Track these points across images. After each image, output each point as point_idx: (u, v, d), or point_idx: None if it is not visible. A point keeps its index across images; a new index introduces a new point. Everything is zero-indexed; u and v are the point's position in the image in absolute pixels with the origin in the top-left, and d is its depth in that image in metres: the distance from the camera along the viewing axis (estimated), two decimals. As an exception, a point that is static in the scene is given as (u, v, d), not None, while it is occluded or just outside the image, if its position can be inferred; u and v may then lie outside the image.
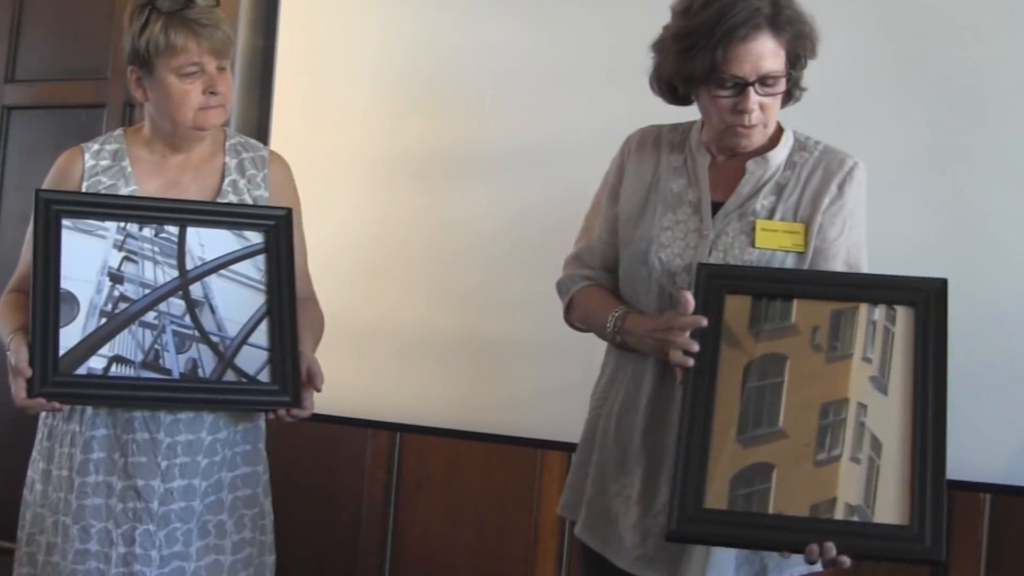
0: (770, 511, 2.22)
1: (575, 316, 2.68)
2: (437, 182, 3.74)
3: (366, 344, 3.75)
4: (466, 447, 3.71)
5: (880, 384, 2.28)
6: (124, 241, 2.62)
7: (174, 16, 2.63)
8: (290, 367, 2.64)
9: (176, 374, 2.59)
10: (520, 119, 3.64)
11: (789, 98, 2.52)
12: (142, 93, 2.71)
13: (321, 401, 2.72)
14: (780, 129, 2.53)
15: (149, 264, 2.62)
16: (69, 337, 2.55)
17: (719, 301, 2.33)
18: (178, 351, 2.60)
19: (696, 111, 2.54)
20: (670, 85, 2.53)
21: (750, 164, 2.49)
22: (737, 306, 2.33)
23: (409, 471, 3.82)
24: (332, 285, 3.14)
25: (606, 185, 2.68)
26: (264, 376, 2.64)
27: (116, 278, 2.60)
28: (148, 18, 2.64)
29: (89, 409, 2.65)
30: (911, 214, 3.11)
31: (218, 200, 2.75)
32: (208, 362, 2.62)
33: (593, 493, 2.57)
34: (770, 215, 2.45)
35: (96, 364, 2.56)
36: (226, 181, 2.78)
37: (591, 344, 2.71)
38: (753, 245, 2.43)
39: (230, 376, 2.62)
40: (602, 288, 2.63)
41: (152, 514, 2.64)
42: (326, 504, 3.91)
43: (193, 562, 2.68)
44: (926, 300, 2.31)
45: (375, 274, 3.77)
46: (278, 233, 2.71)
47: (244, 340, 2.64)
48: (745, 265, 2.41)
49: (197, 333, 2.62)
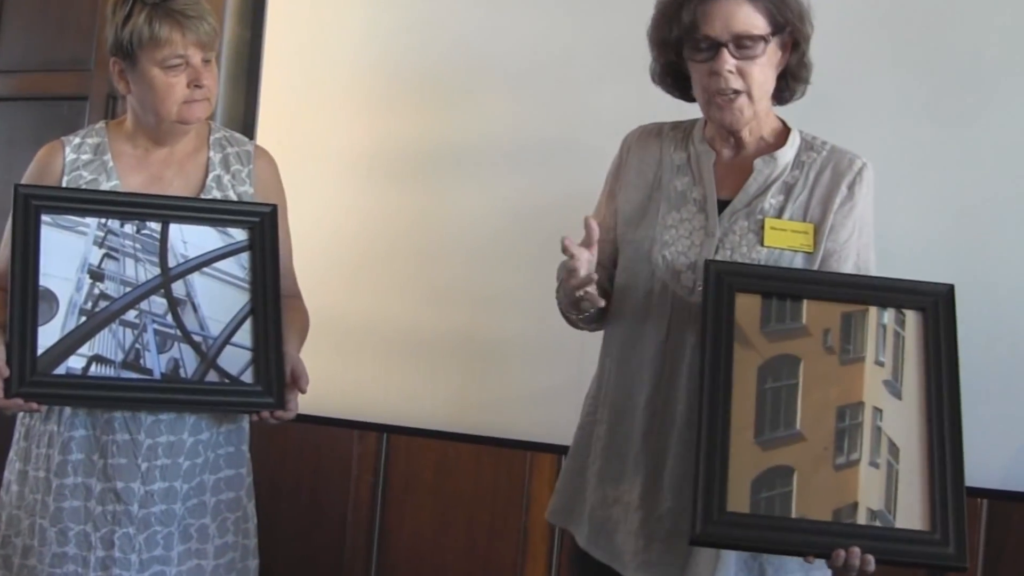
0: (793, 515, 2.23)
1: (559, 303, 2.67)
2: (427, 177, 3.73)
3: (352, 343, 3.75)
4: (455, 449, 3.71)
5: (894, 388, 2.31)
6: (105, 238, 2.62)
7: (159, 7, 2.63)
8: (274, 367, 2.64)
9: (157, 374, 2.59)
10: (512, 113, 3.63)
11: (790, 90, 2.52)
12: (125, 85, 2.71)
13: (306, 402, 2.72)
14: (787, 128, 2.54)
15: (130, 261, 2.62)
16: (48, 336, 2.55)
17: (730, 299, 2.34)
18: (159, 351, 2.60)
19: (698, 108, 2.54)
20: (665, 70, 2.55)
21: (758, 162, 2.49)
22: (748, 305, 2.34)
23: (396, 473, 3.81)
24: (318, 283, 3.14)
25: (605, 184, 2.69)
26: (247, 377, 2.64)
27: (96, 275, 2.60)
28: (132, 9, 2.64)
29: (68, 409, 2.65)
30: (909, 213, 3.12)
31: (202, 196, 2.75)
32: (190, 362, 2.61)
33: (594, 503, 2.57)
34: (779, 214, 2.46)
35: (75, 364, 2.56)
36: (210, 176, 2.78)
37: (582, 344, 2.71)
38: (762, 244, 2.44)
39: (212, 376, 2.62)
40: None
41: (132, 517, 2.64)
42: (311, 507, 3.91)
43: (174, 567, 2.68)
44: (935, 305, 2.34)
45: (362, 272, 3.77)
46: (263, 230, 2.70)
47: (227, 340, 2.64)
48: (754, 263, 2.42)
49: (179, 332, 2.62)
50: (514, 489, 3.65)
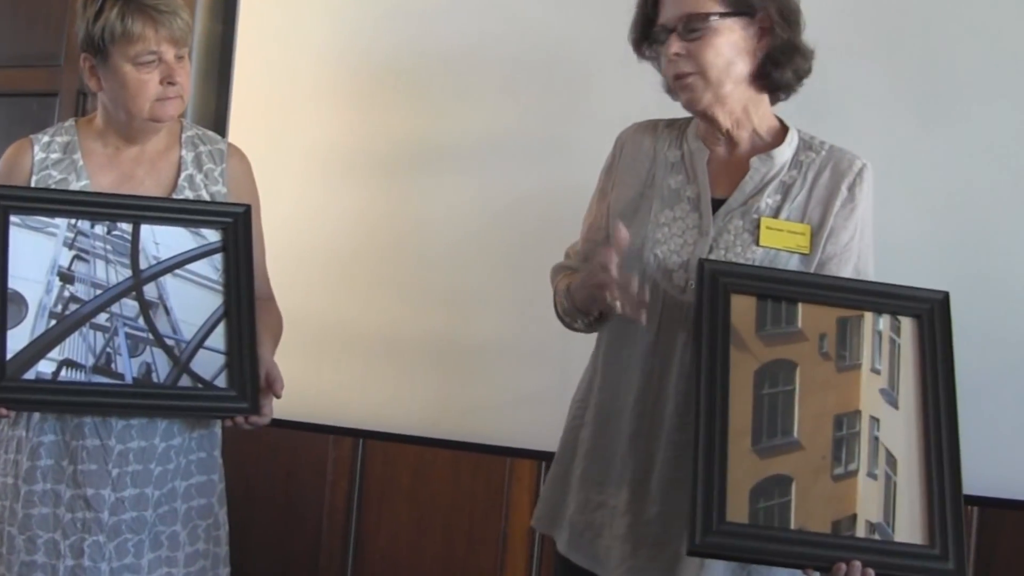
0: (792, 526, 2.23)
1: (557, 307, 2.69)
2: (406, 177, 3.74)
3: (328, 346, 3.76)
4: (433, 454, 3.72)
5: (891, 398, 2.31)
6: (75, 239, 2.62)
7: (131, 2, 2.64)
8: (248, 372, 2.65)
9: (129, 379, 2.60)
10: (493, 109, 3.64)
11: (773, 80, 2.51)
12: (96, 82, 2.72)
13: (281, 406, 2.73)
14: (785, 127, 2.55)
15: (101, 263, 2.63)
16: (17, 340, 2.56)
17: (725, 301, 2.34)
18: (131, 354, 2.61)
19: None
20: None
21: (754, 161, 2.50)
22: (743, 307, 2.34)
23: (373, 479, 3.82)
24: (292, 284, 3.15)
25: (598, 182, 2.70)
26: (221, 381, 2.65)
27: (66, 278, 2.61)
28: (104, 3, 2.65)
29: (36, 414, 2.66)
30: (903, 215, 3.13)
31: (174, 196, 2.76)
32: (162, 366, 2.62)
33: (575, 508, 2.58)
34: (775, 214, 2.47)
35: (45, 368, 2.56)
36: (182, 176, 2.79)
37: (565, 348, 2.72)
38: (757, 243, 2.44)
39: (185, 381, 2.63)
40: (576, 272, 2.64)
41: (102, 524, 2.65)
42: (286, 514, 3.91)
43: (145, 575, 2.69)
44: (930, 312, 2.35)
45: (338, 272, 3.77)
46: (236, 231, 2.71)
47: (200, 343, 2.65)
48: (749, 264, 2.42)
49: (151, 336, 2.63)
50: (493, 496, 3.66)
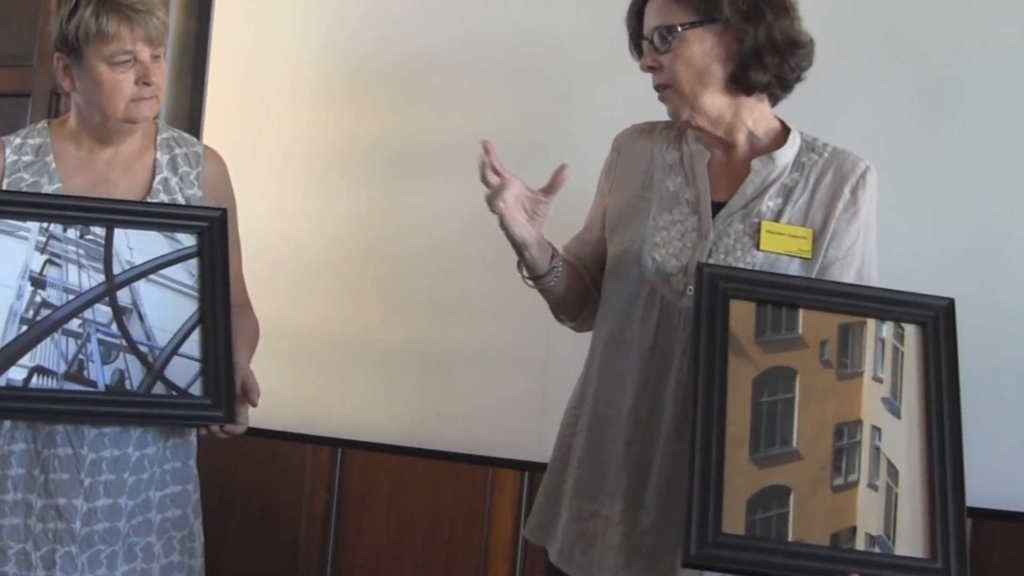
0: (789, 538, 2.23)
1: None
2: (385, 178, 3.74)
3: (305, 353, 3.76)
4: (413, 464, 3.72)
5: (893, 407, 2.32)
6: (47, 243, 2.63)
7: (106, 1, 2.64)
8: (224, 379, 2.65)
9: (102, 386, 2.60)
10: (476, 111, 3.64)
11: (748, 80, 2.51)
12: (70, 82, 2.72)
13: (257, 415, 2.74)
14: (787, 129, 2.57)
15: (73, 268, 2.63)
16: (-14, 346, 2.56)
17: (724, 306, 2.34)
18: (104, 361, 2.61)
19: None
20: None
21: (755, 163, 2.51)
22: (742, 313, 2.35)
23: (352, 489, 3.83)
24: (269, 290, 3.16)
25: (597, 186, 2.73)
26: (196, 389, 2.65)
27: (38, 283, 2.61)
28: (78, 2, 2.65)
29: (7, 422, 2.66)
30: (905, 219, 3.12)
31: (148, 199, 2.76)
32: (136, 373, 2.62)
33: (567, 517, 2.59)
34: (776, 217, 2.48)
35: (16, 375, 2.56)
36: (157, 179, 2.79)
37: (547, 354, 2.72)
38: (758, 247, 2.45)
39: (159, 388, 2.63)
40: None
41: (74, 535, 2.66)
42: (263, 525, 3.92)
43: (118, 587, 2.70)
44: (935, 320, 2.35)
45: (316, 278, 3.78)
46: (212, 235, 2.72)
47: (175, 350, 2.66)
48: (749, 269, 2.43)
49: (124, 342, 2.63)
50: (475, 506, 3.67)
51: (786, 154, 2.53)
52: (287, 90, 3.88)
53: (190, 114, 4.04)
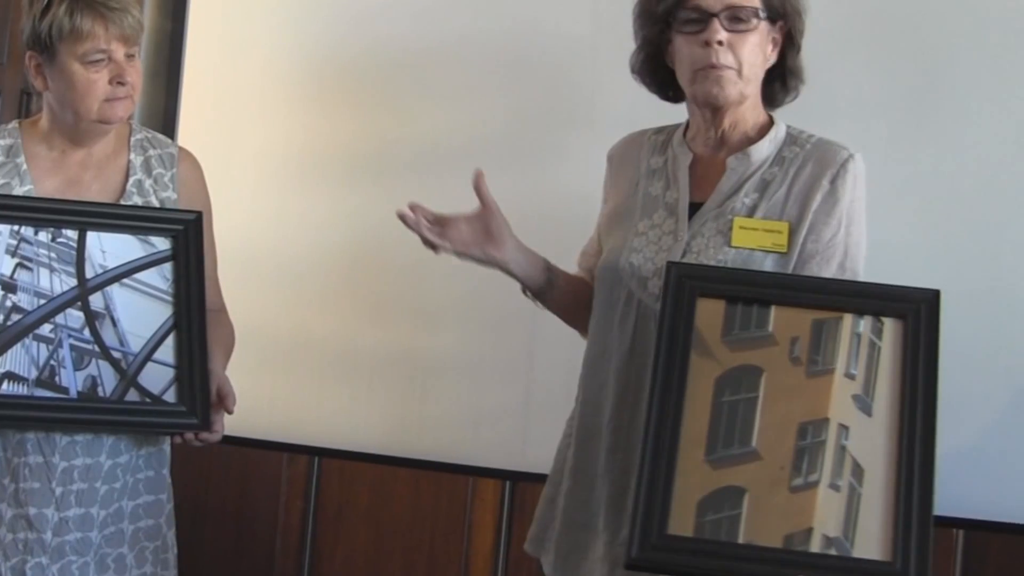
0: (740, 540, 2.22)
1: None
2: (365, 181, 3.74)
3: (282, 360, 3.76)
4: (392, 473, 3.72)
5: (864, 404, 2.30)
6: (18, 246, 2.63)
7: None
8: (198, 386, 2.66)
9: (73, 393, 2.61)
10: (465, 112, 3.64)
11: (785, 91, 2.58)
12: (42, 82, 2.73)
13: (231, 422, 2.75)
14: (771, 122, 2.59)
15: (45, 272, 2.64)
16: (-45, 351, 2.56)
17: (690, 305, 2.35)
18: (76, 367, 2.62)
19: (677, 109, 2.60)
20: (649, 56, 2.60)
21: (730, 161, 2.53)
22: (710, 311, 2.35)
23: (329, 499, 3.82)
24: (245, 294, 3.17)
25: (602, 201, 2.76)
26: (170, 396, 2.66)
27: (8, 287, 2.61)
28: None
29: (-24, 430, 2.66)
30: (892, 215, 3.10)
31: (122, 202, 2.76)
32: (109, 380, 2.63)
33: (560, 529, 2.60)
34: (751, 213, 2.48)
35: (-15, 381, 2.57)
36: (131, 181, 2.80)
37: (530, 362, 2.73)
38: (729, 244, 2.46)
39: (133, 395, 2.64)
40: None
41: (45, 546, 2.66)
42: (237, 535, 3.90)
43: (90, 599, 2.70)
44: (916, 312, 2.33)
45: (294, 283, 3.77)
46: (187, 239, 2.73)
47: (148, 356, 2.66)
48: (720, 266, 2.44)
49: (97, 348, 2.64)
50: (455, 517, 3.66)
51: (762, 148, 2.54)
52: (264, 90, 3.87)
53: (164, 115, 4.02)
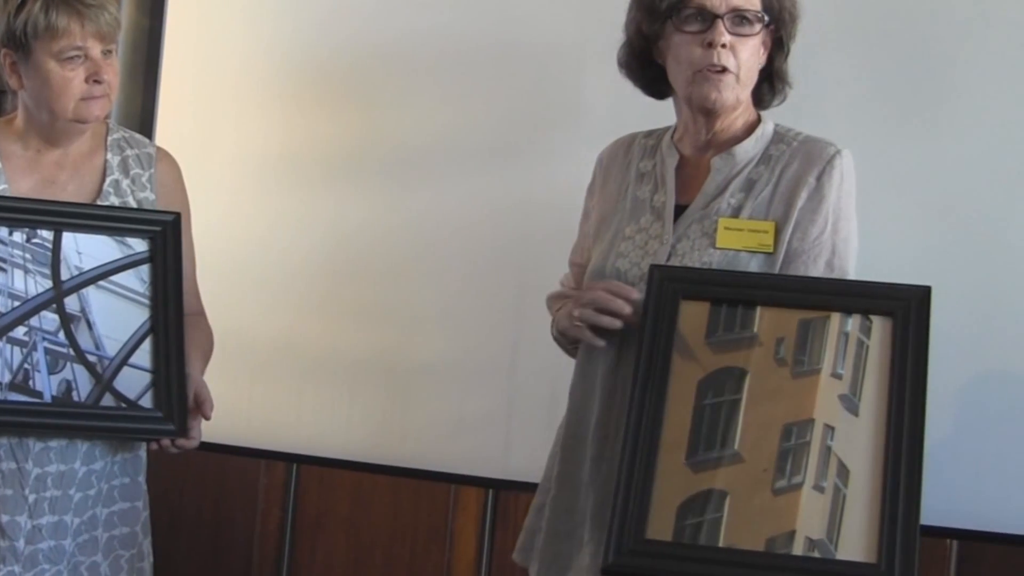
0: (720, 544, 2.22)
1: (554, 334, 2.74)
2: (346, 185, 3.75)
3: (261, 365, 3.76)
4: (372, 481, 3.72)
5: (851, 404, 2.29)
6: (-8, 247, 2.63)
7: None
8: (175, 391, 2.66)
9: (47, 397, 2.60)
10: (441, 112, 3.65)
11: (772, 93, 2.60)
12: (17, 80, 2.73)
13: (210, 429, 2.75)
14: (758, 120, 2.59)
15: (19, 273, 2.63)
16: (-73, 354, 2.55)
17: (673, 307, 2.35)
18: (50, 371, 2.61)
19: (659, 106, 2.61)
20: (639, 50, 2.60)
21: (715, 161, 2.53)
22: (693, 313, 2.36)
23: (308, 507, 3.81)
24: (224, 298, 3.16)
25: (584, 205, 2.75)
26: (146, 401, 2.66)
27: (-19, 289, 2.61)
28: None
29: (-52, 436, 2.66)
30: (885, 214, 3.10)
31: (98, 202, 2.76)
32: (84, 384, 2.63)
33: (545, 538, 2.60)
34: (736, 214, 2.49)
35: (-43, 385, 2.56)
36: (108, 181, 2.80)
37: (512, 369, 2.73)
38: (715, 246, 2.47)
39: (108, 400, 2.64)
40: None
41: (17, 554, 2.65)
42: (213, 544, 3.90)
43: (63, 608, 2.69)
44: (906, 310, 2.33)
45: (273, 287, 3.78)
46: (165, 240, 2.73)
47: (125, 360, 2.66)
48: (703, 268, 2.44)
49: (72, 351, 2.63)
50: (436, 526, 3.66)
51: (747, 147, 2.55)
52: (244, 89, 3.88)
53: (142, 114, 4.02)
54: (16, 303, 2.62)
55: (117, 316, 2.68)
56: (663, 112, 2.68)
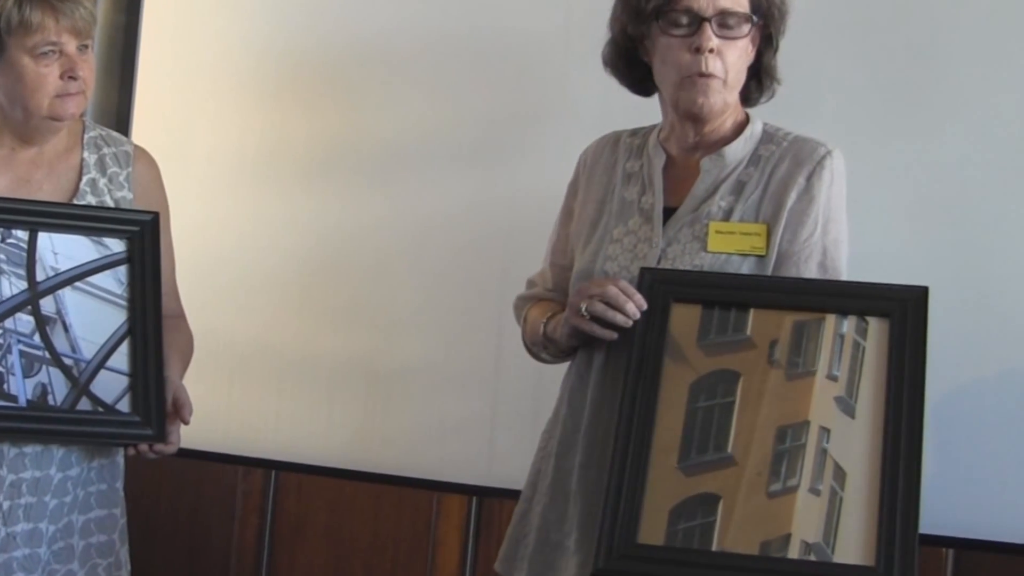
0: (714, 548, 2.22)
1: (526, 338, 2.73)
2: (325, 183, 3.75)
3: (240, 370, 3.76)
4: (352, 488, 3.71)
5: (847, 406, 2.30)
6: (-35, 247, 2.62)
7: None
8: (154, 395, 2.66)
9: (23, 401, 2.60)
10: (421, 112, 3.65)
11: (760, 91, 2.60)
12: (-10, 77, 2.72)
13: (188, 434, 2.75)
14: (746, 120, 2.59)
15: (-7, 274, 2.63)
16: (-102, 357, 2.55)
17: (665, 310, 2.37)
18: (25, 374, 2.61)
19: (656, 106, 2.60)
20: (625, 49, 2.60)
21: (704, 163, 2.53)
22: (685, 316, 2.37)
23: (287, 515, 3.81)
24: (202, 301, 3.17)
25: (563, 204, 2.74)
26: (124, 405, 2.66)
27: (-45, 290, 2.60)
28: None
29: (-80, 441, 2.64)
30: (878, 213, 3.10)
31: (75, 201, 2.76)
32: (60, 388, 2.62)
33: (534, 547, 2.60)
34: (727, 217, 2.49)
35: (-71, 389, 2.55)
36: (84, 180, 2.79)
37: (496, 374, 2.72)
38: (706, 250, 2.47)
39: (85, 404, 2.63)
40: (547, 300, 2.69)
41: (-10, 562, 2.64)
42: (190, 553, 3.89)
43: (38, 618, 2.68)
44: (903, 311, 2.33)
45: (252, 289, 3.78)
46: (143, 241, 2.73)
47: (102, 363, 2.66)
48: (695, 270, 2.45)
49: (48, 354, 2.63)
50: (418, 534, 3.65)
51: (737, 148, 2.55)
52: (222, 87, 3.88)
53: (118, 111, 4.02)
54: (-10, 305, 2.62)
55: (94, 318, 2.68)
56: (650, 107, 2.69)
